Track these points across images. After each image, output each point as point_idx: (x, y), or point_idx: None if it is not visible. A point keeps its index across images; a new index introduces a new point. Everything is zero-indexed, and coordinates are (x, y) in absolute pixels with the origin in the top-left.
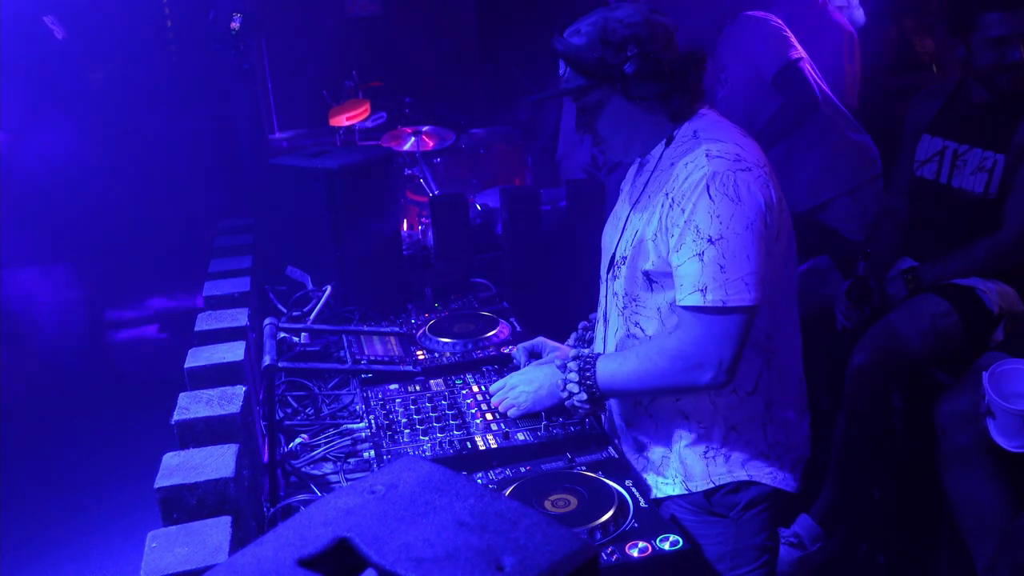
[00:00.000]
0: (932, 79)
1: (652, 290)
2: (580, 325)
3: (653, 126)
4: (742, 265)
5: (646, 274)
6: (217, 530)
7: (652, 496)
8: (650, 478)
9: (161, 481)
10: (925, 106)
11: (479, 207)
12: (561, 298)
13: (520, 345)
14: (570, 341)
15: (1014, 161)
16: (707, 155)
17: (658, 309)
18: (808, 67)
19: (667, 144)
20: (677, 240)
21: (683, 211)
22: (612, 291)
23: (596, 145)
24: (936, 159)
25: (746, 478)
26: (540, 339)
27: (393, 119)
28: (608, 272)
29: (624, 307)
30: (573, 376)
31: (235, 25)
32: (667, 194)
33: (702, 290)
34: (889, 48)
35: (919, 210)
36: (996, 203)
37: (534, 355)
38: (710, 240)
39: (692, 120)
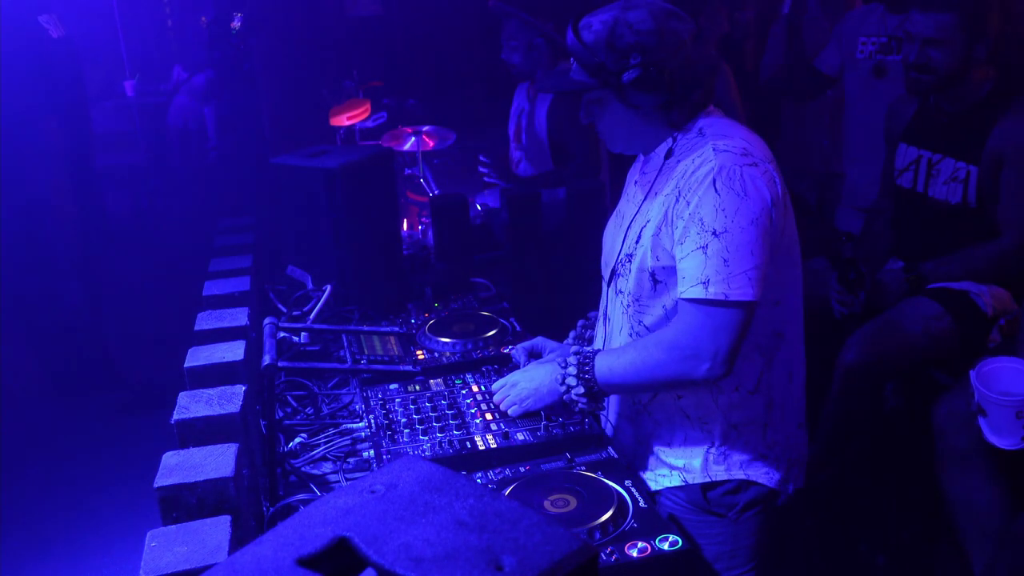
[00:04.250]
0: None
1: (656, 289)
2: (579, 323)
3: (652, 130)
4: (745, 259)
5: (652, 273)
6: (216, 529)
7: (649, 488)
8: (647, 473)
9: (161, 480)
10: (900, 112)
11: (479, 207)
12: (561, 298)
13: (519, 345)
14: (569, 339)
15: (992, 169)
16: (714, 149)
17: (663, 307)
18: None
19: (673, 142)
20: (681, 232)
21: (688, 203)
22: (616, 289)
23: (600, 136)
24: (912, 168)
25: (744, 478)
26: (540, 339)
27: (393, 119)
28: (612, 271)
29: (628, 305)
30: (572, 371)
31: (235, 25)
32: (674, 187)
33: (704, 283)
34: None
35: (901, 217)
36: (977, 212)
37: (534, 355)
38: (714, 233)
39: (698, 119)
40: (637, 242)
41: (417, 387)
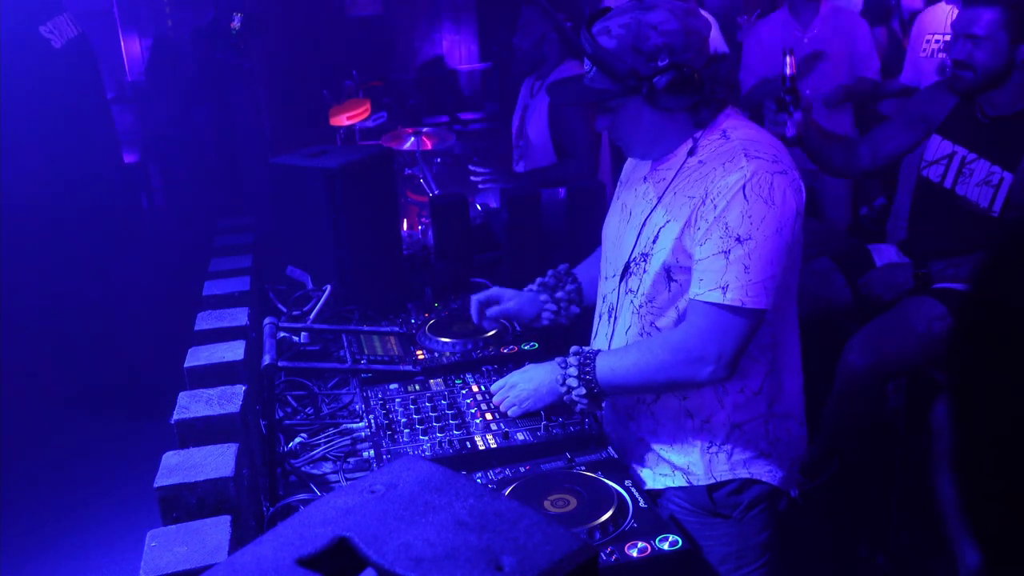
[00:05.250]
0: None
1: (671, 288)
2: (548, 272)
3: (677, 132)
4: (765, 269)
5: (669, 274)
6: (216, 529)
7: (649, 487)
8: (647, 472)
9: (161, 480)
10: (940, 101)
11: (479, 207)
12: None
13: (473, 297)
14: (533, 286)
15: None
16: (746, 155)
17: (676, 307)
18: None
19: (694, 143)
20: (703, 234)
21: (715, 207)
22: (627, 288)
23: (617, 142)
24: (944, 162)
25: (747, 476)
26: (495, 289)
27: (393, 119)
28: (624, 268)
29: (641, 306)
30: (572, 371)
31: (235, 25)
32: (703, 189)
33: (723, 288)
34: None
35: (921, 209)
36: (997, 221)
37: (489, 303)
38: (738, 239)
39: (718, 118)
40: (654, 242)
41: (417, 387)
